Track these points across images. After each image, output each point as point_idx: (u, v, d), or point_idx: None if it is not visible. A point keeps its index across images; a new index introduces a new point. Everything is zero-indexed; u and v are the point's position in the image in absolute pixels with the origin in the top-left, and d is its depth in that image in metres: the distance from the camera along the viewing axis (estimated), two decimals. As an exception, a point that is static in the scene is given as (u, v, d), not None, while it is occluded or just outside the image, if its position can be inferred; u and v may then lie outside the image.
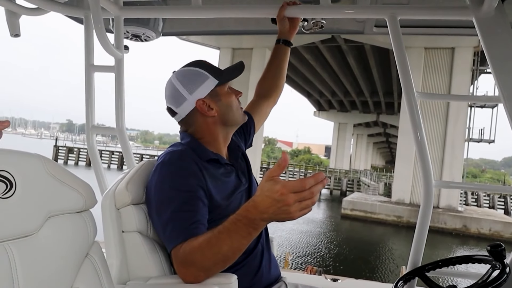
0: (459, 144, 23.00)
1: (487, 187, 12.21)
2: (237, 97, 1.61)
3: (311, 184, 1.04)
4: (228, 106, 1.57)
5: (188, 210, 1.33)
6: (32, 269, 0.85)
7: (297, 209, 1.04)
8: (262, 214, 1.09)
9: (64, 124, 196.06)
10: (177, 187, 1.36)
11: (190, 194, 1.36)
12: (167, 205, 1.35)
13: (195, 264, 1.25)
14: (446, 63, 22.70)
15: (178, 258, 1.28)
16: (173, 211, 1.33)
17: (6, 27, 2.06)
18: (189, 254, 1.24)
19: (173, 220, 1.32)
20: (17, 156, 0.89)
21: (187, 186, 1.37)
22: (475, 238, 20.59)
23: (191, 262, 1.25)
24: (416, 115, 1.76)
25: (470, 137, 24.08)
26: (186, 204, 1.34)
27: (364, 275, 12.42)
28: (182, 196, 1.35)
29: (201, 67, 1.55)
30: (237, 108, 1.60)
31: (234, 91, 1.61)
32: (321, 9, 1.87)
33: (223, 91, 1.56)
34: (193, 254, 1.24)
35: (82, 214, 1.01)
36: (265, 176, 1.09)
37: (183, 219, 1.31)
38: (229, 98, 1.58)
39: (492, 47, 1.63)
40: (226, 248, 1.19)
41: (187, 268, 1.26)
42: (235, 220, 1.16)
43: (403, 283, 1.62)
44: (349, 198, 26.53)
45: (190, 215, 1.32)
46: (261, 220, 1.12)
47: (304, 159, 67.54)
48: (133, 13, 2.10)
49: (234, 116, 1.60)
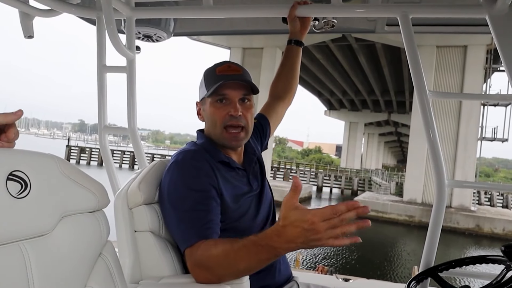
0: (472, 143, 22.75)
1: (500, 186, 12.06)
2: (229, 114, 1.46)
3: (342, 211, 1.00)
4: (208, 119, 1.54)
5: (201, 209, 1.34)
6: (46, 268, 0.86)
7: (328, 236, 1.01)
8: (288, 244, 1.06)
9: (76, 124, 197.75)
10: (190, 187, 1.37)
11: (203, 193, 1.37)
12: (181, 205, 1.36)
13: (209, 270, 1.25)
14: (459, 61, 22.45)
15: (192, 258, 1.29)
16: (186, 211, 1.34)
17: (20, 28, 2.08)
18: (206, 260, 1.25)
19: (186, 220, 1.33)
20: (31, 156, 0.90)
21: (200, 185, 1.38)
22: (489, 238, 20.35)
23: (206, 267, 1.26)
24: (428, 114, 1.75)
25: (483, 136, 23.82)
26: (199, 204, 1.35)
27: (376, 275, 12.36)
28: (196, 195, 1.36)
29: (206, 73, 1.56)
30: (219, 125, 1.48)
31: (230, 107, 1.47)
32: (332, 8, 1.86)
33: (208, 102, 1.51)
34: (210, 262, 1.24)
35: (95, 214, 1.01)
36: (286, 205, 1.04)
37: (197, 218, 1.32)
38: (210, 110, 1.50)
39: (506, 45, 1.61)
40: (243, 265, 1.20)
41: (201, 271, 1.27)
42: (256, 243, 1.13)
43: (415, 283, 1.61)
44: (360, 198, 26.38)
45: (203, 214, 1.33)
46: (285, 249, 1.09)
47: (315, 158, 67.33)
48: (145, 13, 2.11)
49: (214, 132, 1.51)
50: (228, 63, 1.55)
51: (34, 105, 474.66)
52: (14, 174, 0.83)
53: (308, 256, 14.58)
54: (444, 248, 15.92)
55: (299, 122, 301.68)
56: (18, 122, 0.88)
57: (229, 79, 1.47)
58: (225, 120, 1.47)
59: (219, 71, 1.51)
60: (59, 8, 2.01)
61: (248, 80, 1.51)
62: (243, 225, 1.49)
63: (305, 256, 14.26)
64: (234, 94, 1.48)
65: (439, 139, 1.79)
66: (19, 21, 2.05)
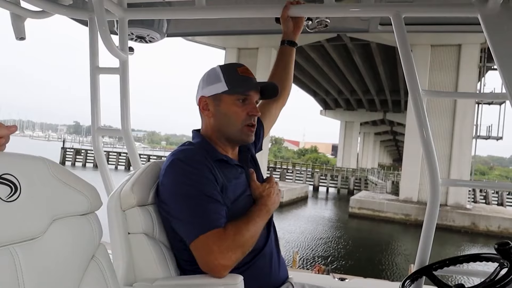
0: (467, 141, 22.86)
1: (495, 184, 12.18)
2: (250, 114, 1.55)
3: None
4: (225, 115, 1.55)
5: (210, 201, 1.36)
6: (37, 272, 0.85)
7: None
8: (271, 206, 1.54)
9: (71, 126, 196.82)
10: (192, 183, 1.38)
11: (209, 187, 1.38)
12: (188, 200, 1.37)
13: (241, 248, 1.35)
14: (453, 60, 22.55)
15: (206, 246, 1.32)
16: (192, 206, 1.36)
17: (12, 30, 2.07)
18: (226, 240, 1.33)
19: (197, 213, 1.35)
20: (21, 159, 0.89)
21: (202, 181, 1.39)
22: (484, 236, 20.44)
23: (239, 246, 1.35)
24: (422, 114, 1.75)
25: (478, 134, 23.92)
26: (207, 197, 1.37)
27: (373, 274, 12.38)
28: (199, 189, 1.37)
29: (225, 71, 1.56)
30: (239, 123, 1.54)
31: (250, 108, 1.55)
32: (325, 8, 1.86)
33: (228, 100, 1.54)
34: (232, 238, 1.34)
35: (88, 217, 1.01)
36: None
37: (208, 210, 1.35)
38: (231, 109, 1.54)
39: (498, 44, 1.61)
40: (253, 229, 1.41)
41: (234, 253, 1.33)
42: (259, 208, 1.49)
43: (410, 282, 1.61)
44: (357, 197, 26.44)
45: (213, 206, 1.36)
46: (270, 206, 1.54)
47: (311, 158, 67.42)
48: (137, 14, 2.10)
49: (230, 129, 1.56)
50: (243, 65, 1.62)
51: (29, 107, 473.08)
52: (4, 178, 0.82)
53: (305, 256, 14.60)
54: (440, 247, 15.98)
55: (295, 122, 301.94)
56: (13, 123, 0.87)
57: (252, 82, 1.57)
58: (245, 119, 1.54)
59: (241, 71, 1.56)
60: (50, 9, 2.00)
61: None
62: None
63: (302, 256, 14.28)
64: (254, 96, 1.58)
65: (434, 137, 1.79)
66: (11, 22, 2.03)
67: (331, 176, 42.36)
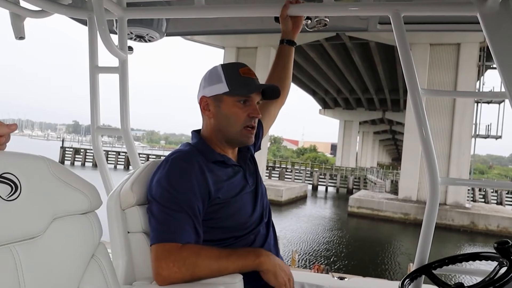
0: (466, 140, 22.88)
1: (494, 183, 12.20)
2: (250, 116, 1.53)
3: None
4: (226, 117, 1.54)
5: (181, 211, 1.36)
6: (38, 271, 0.85)
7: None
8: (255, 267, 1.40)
9: (71, 125, 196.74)
10: (175, 187, 1.38)
11: (187, 195, 1.38)
12: (163, 202, 1.37)
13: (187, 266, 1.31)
14: (452, 59, 22.57)
15: (155, 253, 1.32)
16: (167, 209, 1.36)
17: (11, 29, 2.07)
18: (186, 257, 1.31)
19: (164, 218, 1.35)
20: (21, 158, 0.89)
21: (185, 187, 1.39)
22: (483, 235, 20.47)
23: (184, 263, 1.31)
24: (421, 113, 1.75)
25: (477, 133, 23.94)
26: (180, 205, 1.36)
27: (372, 273, 12.40)
28: (179, 196, 1.37)
29: (227, 71, 1.55)
30: (239, 124, 1.53)
31: (251, 109, 1.54)
32: (324, 7, 1.87)
33: (228, 101, 1.53)
34: (192, 258, 1.31)
35: (88, 216, 1.01)
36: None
37: (175, 219, 1.35)
38: (232, 110, 1.53)
39: (497, 43, 1.62)
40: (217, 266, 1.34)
41: (182, 266, 1.30)
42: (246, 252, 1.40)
43: (409, 281, 1.62)
44: (356, 196, 26.45)
45: (182, 216, 1.35)
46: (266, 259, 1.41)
47: (310, 157, 67.46)
48: (137, 14, 2.10)
49: (230, 130, 1.54)
50: (245, 65, 1.60)
51: (28, 106, 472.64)
52: (4, 177, 0.82)
53: (305, 255, 14.61)
54: (439, 245, 16.00)
55: (294, 121, 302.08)
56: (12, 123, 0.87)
57: (254, 83, 1.56)
58: (245, 120, 1.53)
59: (243, 72, 1.55)
60: (50, 8, 2.00)
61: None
62: (239, 221, 1.49)
63: (301, 255, 14.29)
64: (256, 98, 1.56)
65: (433, 136, 1.79)
66: (10, 22, 2.03)
67: (330, 175, 42.39)
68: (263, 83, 2.04)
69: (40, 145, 67.77)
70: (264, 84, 1.62)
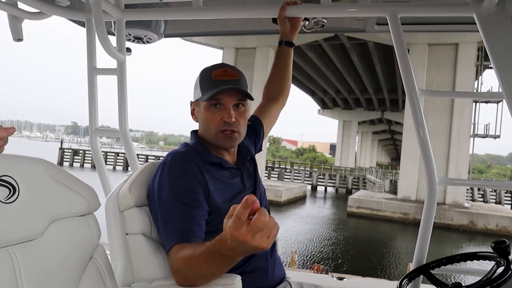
0: (465, 140, 22.91)
1: (492, 183, 12.18)
2: (223, 120, 1.47)
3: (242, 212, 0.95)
4: (202, 122, 1.54)
5: (184, 212, 1.35)
6: (36, 272, 0.86)
7: (261, 239, 0.96)
8: (231, 251, 1.04)
9: (69, 127, 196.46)
10: (175, 188, 1.38)
11: (188, 196, 1.38)
12: (165, 206, 1.37)
13: (179, 273, 1.26)
14: (450, 59, 22.60)
15: (170, 260, 1.30)
16: (170, 212, 1.36)
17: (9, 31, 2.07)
18: (176, 262, 1.26)
19: (170, 222, 1.34)
20: (19, 160, 0.89)
21: (186, 187, 1.39)
22: (482, 234, 20.49)
23: (176, 270, 1.27)
24: (418, 113, 1.76)
25: (475, 133, 23.97)
26: (183, 206, 1.36)
27: (371, 273, 12.40)
28: (180, 197, 1.37)
29: (202, 75, 1.54)
30: (213, 129, 1.49)
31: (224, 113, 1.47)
32: (322, 8, 1.87)
33: (203, 105, 1.51)
34: (179, 265, 1.26)
35: (86, 218, 1.01)
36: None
37: (179, 221, 1.33)
38: (205, 115, 1.50)
39: (493, 44, 1.62)
40: (204, 270, 1.20)
41: (175, 274, 1.28)
42: (209, 248, 1.11)
43: (408, 281, 1.62)
44: (355, 196, 26.47)
45: (186, 217, 1.34)
46: (232, 256, 1.08)
47: (309, 157, 67.48)
48: (135, 15, 2.10)
49: (208, 135, 1.52)
50: (224, 66, 1.53)
51: (27, 107, 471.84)
52: (2, 179, 0.82)
53: (304, 256, 14.61)
54: (438, 245, 16.02)
55: (293, 122, 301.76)
56: (10, 124, 0.87)
57: (225, 85, 1.46)
58: (219, 125, 1.48)
59: (215, 75, 1.50)
60: (48, 10, 2.00)
61: (244, 88, 1.50)
62: None
63: (300, 255, 14.29)
64: (228, 100, 1.48)
65: (432, 136, 1.80)
66: (8, 24, 2.03)
67: (329, 176, 42.40)
68: (263, 83, 2.06)
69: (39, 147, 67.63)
70: (229, 80, 1.49)
